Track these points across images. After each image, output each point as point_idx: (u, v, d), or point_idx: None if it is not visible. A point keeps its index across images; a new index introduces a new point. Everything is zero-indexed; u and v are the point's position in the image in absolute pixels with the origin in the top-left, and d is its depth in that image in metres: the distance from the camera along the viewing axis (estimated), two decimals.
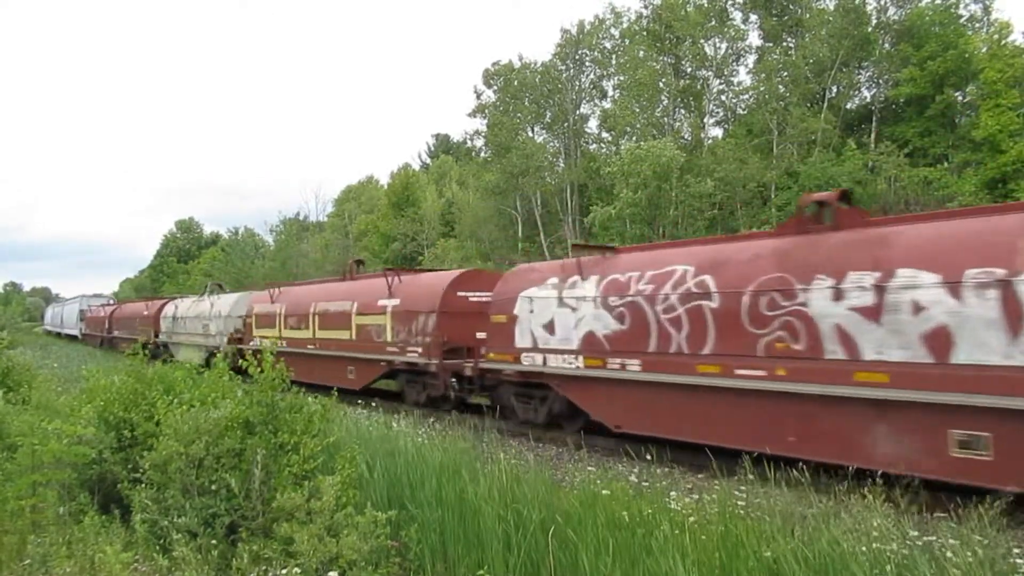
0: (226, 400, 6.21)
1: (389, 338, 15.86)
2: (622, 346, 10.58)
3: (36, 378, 14.17)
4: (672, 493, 7.00)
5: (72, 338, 57.27)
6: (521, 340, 12.34)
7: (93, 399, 7.35)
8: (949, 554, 4.74)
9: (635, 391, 10.52)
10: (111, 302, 55.86)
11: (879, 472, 6.87)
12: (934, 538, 5.26)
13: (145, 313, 34.59)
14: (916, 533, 5.35)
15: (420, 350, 14.88)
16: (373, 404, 15.89)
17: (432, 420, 12.65)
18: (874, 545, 4.69)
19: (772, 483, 6.55)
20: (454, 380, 14.57)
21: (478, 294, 15.05)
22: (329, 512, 5.00)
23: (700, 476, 9.27)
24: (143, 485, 5.81)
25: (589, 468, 9.47)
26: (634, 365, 10.39)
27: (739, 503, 6.05)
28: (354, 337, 17.20)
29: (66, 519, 5.91)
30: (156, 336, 31.27)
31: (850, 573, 4.36)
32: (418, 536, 5.66)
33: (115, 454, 6.65)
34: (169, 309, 31.38)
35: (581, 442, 11.29)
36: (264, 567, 4.81)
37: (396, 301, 15.87)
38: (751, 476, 6.92)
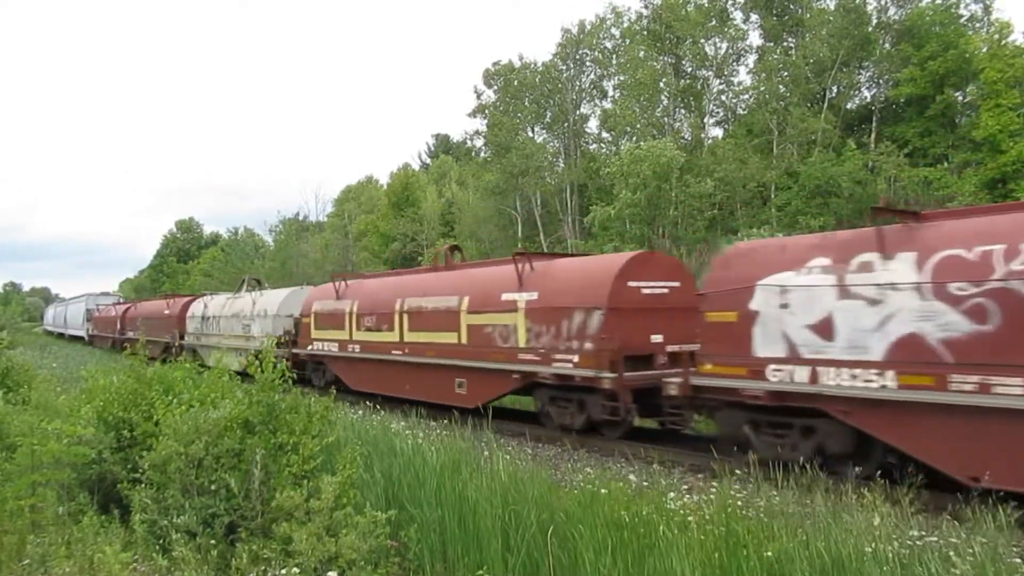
0: (225, 400, 6.21)
1: (522, 342, 12.57)
2: (984, 356, 7.28)
3: (35, 378, 14.17)
4: (671, 493, 7.00)
5: (77, 340, 53.84)
6: (766, 347, 9.06)
7: (93, 399, 7.35)
8: (951, 553, 4.74)
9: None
10: (120, 300, 52.72)
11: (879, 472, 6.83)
12: (935, 538, 5.26)
13: (167, 312, 31.51)
14: (916, 533, 5.35)
15: (576, 359, 11.60)
16: (374, 404, 15.77)
17: (433, 422, 12.55)
18: (875, 545, 4.68)
19: (772, 484, 6.54)
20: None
21: (653, 284, 11.99)
22: (328, 512, 5.00)
23: (699, 476, 9.26)
24: (142, 485, 5.80)
25: (588, 468, 9.48)
26: (1016, 386, 7.03)
27: (739, 503, 6.05)
28: (465, 341, 13.96)
29: (65, 519, 5.91)
30: (181, 338, 28.66)
31: (851, 573, 4.36)
32: (417, 536, 5.66)
33: (114, 454, 6.65)
34: (196, 307, 28.48)
35: (580, 442, 11.29)
36: (263, 567, 4.80)
37: (532, 295, 12.60)
38: (751, 477, 6.91)
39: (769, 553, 4.54)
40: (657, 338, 11.54)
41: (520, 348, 12.58)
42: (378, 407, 14.24)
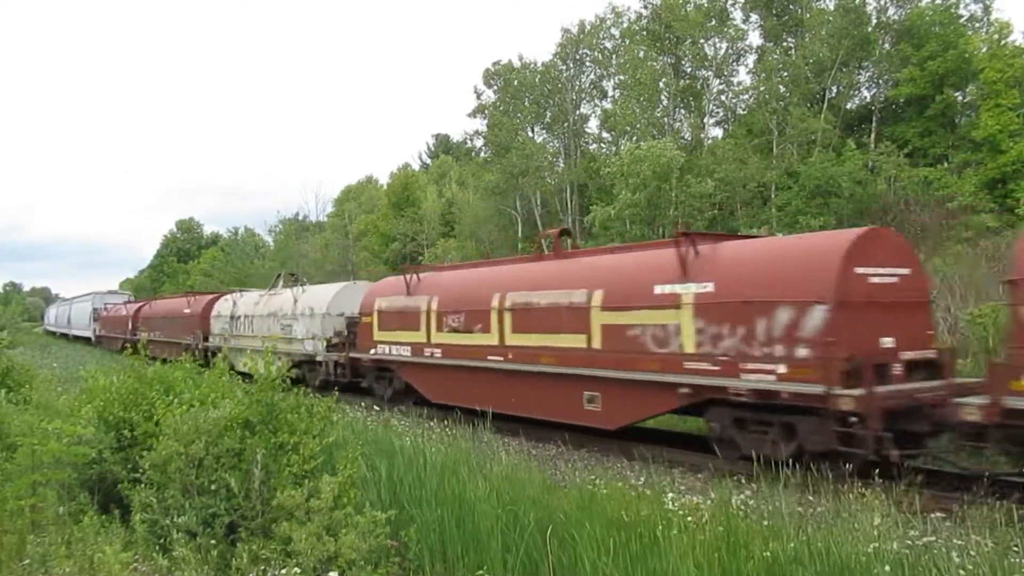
0: (226, 400, 6.21)
1: (690, 347, 9.94)
2: None
3: (36, 378, 14.18)
4: (671, 494, 6.99)
5: (83, 341, 51.08)
6: None
7: (93, 399, 7.35)
8: (952, 554, 4.74)
9: None
10: (131, 299, 50.50)
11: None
12: (933, 538, 5.26)
13: (187, 311, 28.64)
14: (916, 532, 5.36)
15: (783, 368, 8.86)
16: (372, 404, 15.74)
17: (433, 421, 12.52)
18: (874, 544, 4.69)
19: (772, 484, 6.55)
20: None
21: (882, 272, 9.20)
22: (327, 511, 5.00)
23: (699, 476, 9.26)
24: (143, 485, 5.80)
25: (588, 468, 9.48)
26: None
27: (740, 503, 6.05)
28: (599, 345, 11.19)
29: (66, 519, 5.91)
30: (205, 339, 26.18)
31: (850, 572, 4.36)
32: (417, 536, 5.66)
33: (115, 454, 6.65)
34: (223, 306, 25.82)
35: (580, 442, 11.28)
36: (263, 567, 4.80)
37: (704, 286, 9.85)
38: (752, 477, 6.92)
39: (768, 553, 4.53)
40: (888, 342, 8.90)
41: (687, 354, 9.94)
42: (376, 407, 14.20)
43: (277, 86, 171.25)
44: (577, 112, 45.74)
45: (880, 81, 36.15)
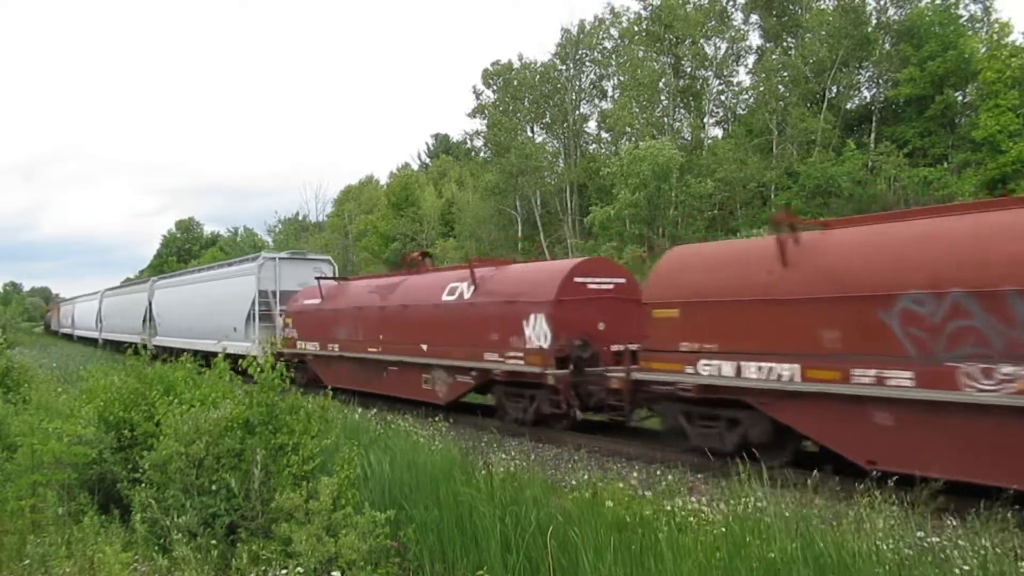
0: (226, 400, 6.21)
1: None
2: None
3: (36, 378, 14.19)
4: (675, 497, 6.99)
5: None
6: None
7: (93, 399, 7.35)
8: (955, 553, 4.74)
9: None
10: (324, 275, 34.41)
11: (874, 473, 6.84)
12: (937, 539, 5.26)
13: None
14: (921, 534, 5.35)
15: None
16: (372, 404, 15.78)
17: (432, 420, 12.58)
18: (878, 544, 4.69)
19: (775, 484, 6.54)
20: None
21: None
22: (327, 512, 5.00)
23: (700, 476, 9.26)
24: (143, 485, 5.80)
25: (588, 469, 9.48)
26: None
27: (740, 504, 6.05)
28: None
29: (66, 519, 5.91)
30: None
31: (853, 574, 4.36)
32: (416, 536, 5.66)
33: (115, 454, 6.65)
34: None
35: (580, 443, 11.30)
36: (263, 567, 4.81)
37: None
38: (752, 477, 6.91)
39: (772, 554, 4.53)
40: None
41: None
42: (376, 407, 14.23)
43: (277, 86, 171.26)
44: (577, 112, 45.76)
45: (880, 81, 36.18)
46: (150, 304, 32.19)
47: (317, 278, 19.10)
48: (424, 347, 14.42)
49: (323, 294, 18.41)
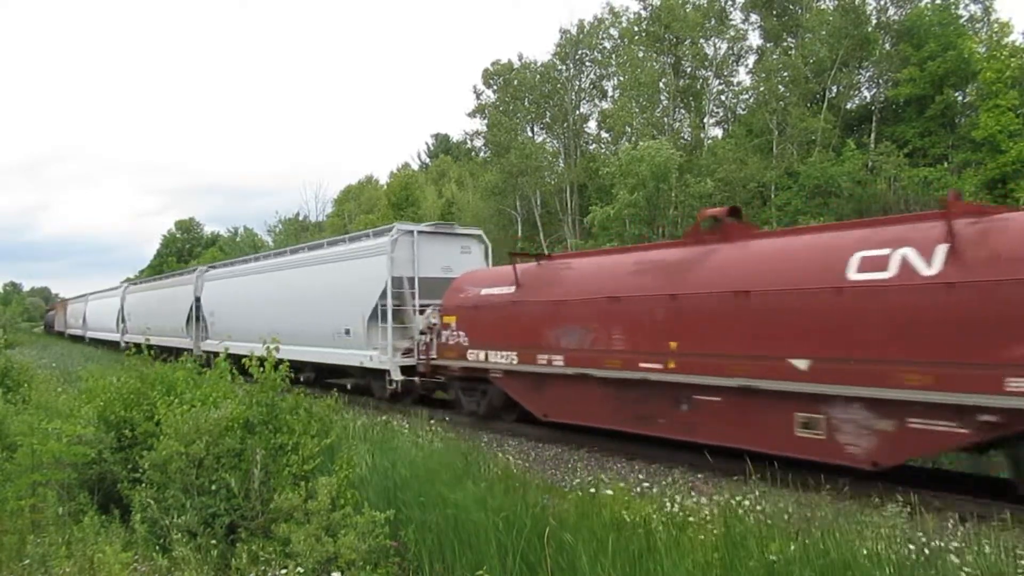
0: (227, 400, 6.21)
1: None
2: None
3: (36, 378, 14.19)
4: (676, 496, 6.99)
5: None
6: None
7: (93, 399, 7.35)
8: (954, 558, 4.74)
9: None
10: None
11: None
12: (940, 542, 5.26)
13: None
14: (925, 538, 5.35)
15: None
16: (372, 405, 15.79)
17: (432, 421, 12.56)
18: (879, 545, 4.69)
19: (773, 484, 6.55)
20: None
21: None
22: (326, 512, 5.00)
23: (700, 476, 9.26)
24: (143, 485, 5.81)
25: (588, 469, 9.48)
26: None
27: (741, 504, 6.05)
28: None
29: (66, 519, 5.91)
30: None
31: (852, 574, 4.36)
32: (416, 536, 5.66)
33: (115, 454, 6.65)
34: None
35: (580, 443, 11.30)
36: (263, 567, 4.81)
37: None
38: (753, 477, 6.91)
39: (772, 557, 4.52)
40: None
41: None
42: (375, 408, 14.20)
43: (277, 87, 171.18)
44: (577, 112, 45.77)
45: (880, 81, 36.19)
46: (197, 300, 25.99)
47: (512, 254, 13.33)
48: (800, 364, 8.19)
49: (519, 280, 12.28)
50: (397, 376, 14.86)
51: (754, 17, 39.90)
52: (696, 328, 9.35)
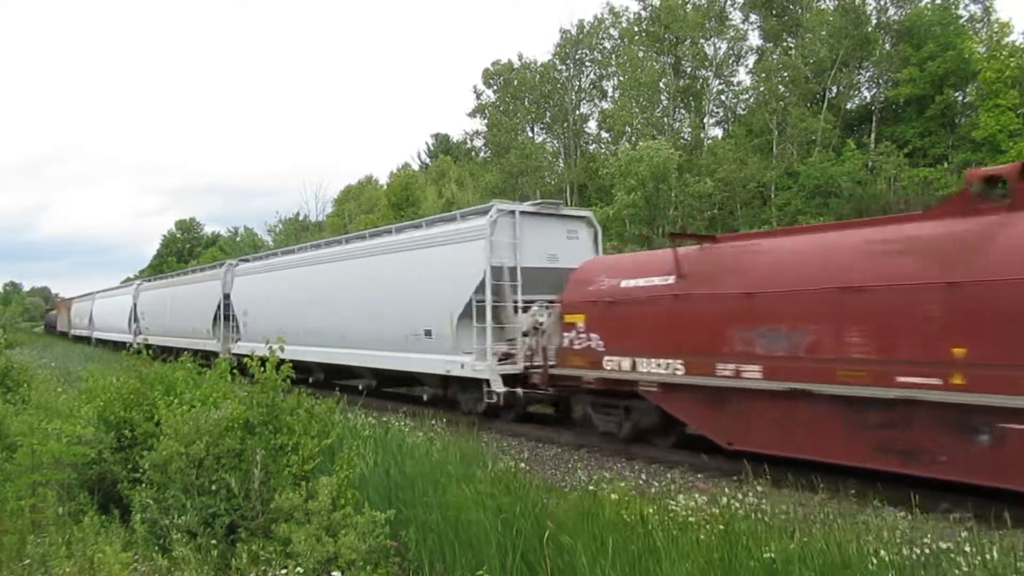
0: (227, 401, 6.21)
1: None
2: None
3: (35, 378, 14.19)
4: (678, 495, 6.99)
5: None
6: None
7: (93, 399, 7.35)
8: (958, 559, 4.74)
9: None
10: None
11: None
12: (942, 544, 5.26)
13: None
14: (928, 538, 5.35)
15: None
16: (373, 405, 15.77)
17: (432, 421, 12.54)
18: (880, 547, 4.69)
19: (773, 485, 6.55)
20: None
21: None
22: (326, 512, 5.00)
23: (699, 476, 9.26)
24: (143, 485, 5.81)
25: (588, 469, 9.49)
26: None
27: (741, 504, 6.05)
28: None
29: (66, 519, 5.91)
30: None
31: (852, 575, 4.36)
32: (416, 537, 5.66)
33: (115, 454, 6.65)
34: None
35: (579, 443, 11.30)
36: (263, 567, 4.81)
37: None
38: (754, 478, 6.91)
39: (771, 555, 4.53)
40: None
41: None
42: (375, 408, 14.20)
43: (277, 87, 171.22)
44: (576, 112, 45.80)
45: (880, 81, 36.21)
46: (226, 298, 23.26)
47: (673, 235, 11.36)
48: None
49: (682, 268, 9.72)
50: (499, 387, 12.18)
51: (754, 17, 39.93)
52: (997, 329, 6.82)
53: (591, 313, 10.82)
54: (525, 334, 12.30)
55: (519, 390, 12.19)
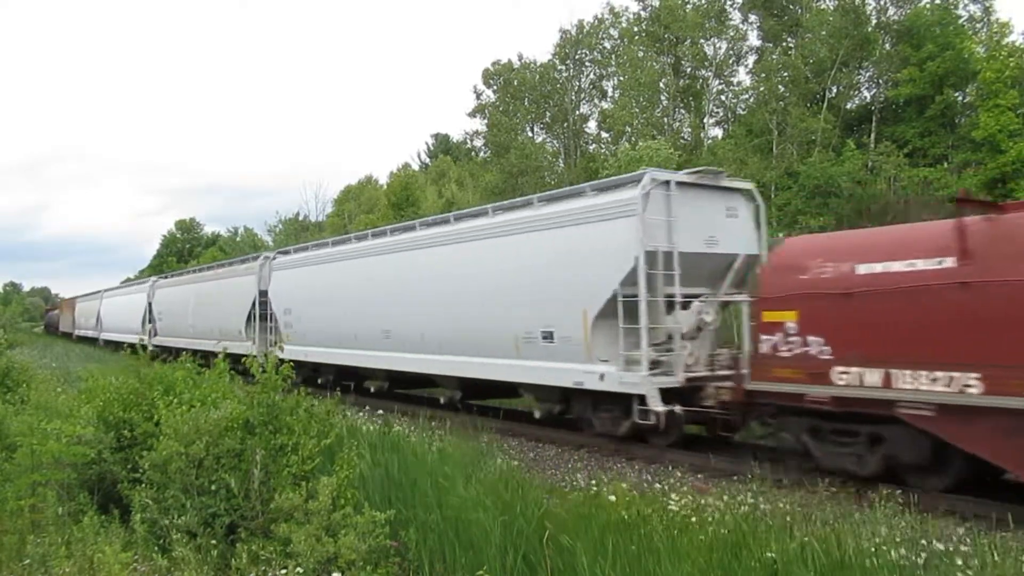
0: (227, 401, 6.21)
1: None
2: None
3: (35, 378, 14.18)
4: (674, 496, 6.99)
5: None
6: None
7: (93, 399, 7.34)
8: (958, 561, 4.74)
9: None
10: None
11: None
12: (941, 545, 5.26)
13: None
14: (930, 540, 5.35)
15: None
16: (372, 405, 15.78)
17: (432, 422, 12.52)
18: (880, 547, 4.69)
19: (777, 485, 6.54)
20: None
21: None
22: (326, 512, 5.00)
23: (700, 476, 9.26)
24: (143, 485, 5.81)
25: (588, 469, 9.48)
26: None
27: (742, 504, 6.05)
28: None
29: (65, 519, 5.91)
30: None
31: (852, 575, 4.36)
32: (416, 537, 5.66)
33: (114, 454, 6.65)
34: None
35: (580, 443, 11.29)
36: (263, 567, 4.81)
37: None
38: (754, 478, 6.91)
39: (772, 555, 4.53)
40: None
41: None
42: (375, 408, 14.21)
43: (277, 86, 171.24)
44: (576, 112, 45.80)
45: (880, 81, 36.22)
46: (263, 295, 20.55)
47: (959, 201, 7.95)
48: None
49: (970, 247, 7.20)
50: (657, 405, 9.60)
51: (753, 17, 39.95)
52: None
53: (808, 309, 8.31)
54: (689, 337, 9.99)
55: (677, 408, 9.70)
